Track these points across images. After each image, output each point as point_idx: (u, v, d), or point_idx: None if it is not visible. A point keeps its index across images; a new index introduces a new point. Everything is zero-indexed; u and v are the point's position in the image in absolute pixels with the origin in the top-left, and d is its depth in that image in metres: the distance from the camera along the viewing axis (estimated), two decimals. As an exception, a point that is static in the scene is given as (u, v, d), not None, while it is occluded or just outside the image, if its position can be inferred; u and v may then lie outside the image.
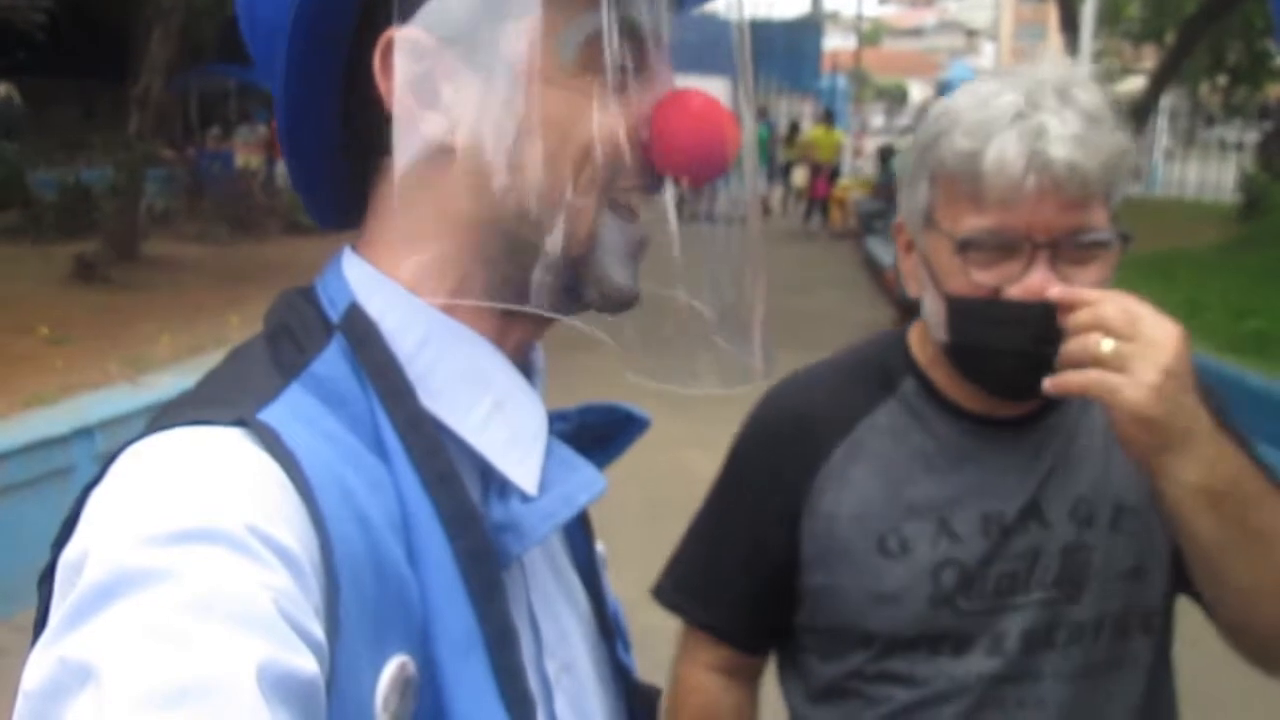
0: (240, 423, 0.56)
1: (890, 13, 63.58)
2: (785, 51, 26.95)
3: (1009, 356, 1.02)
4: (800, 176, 17.32)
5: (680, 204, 0.67)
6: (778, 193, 18.67)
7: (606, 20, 0.62)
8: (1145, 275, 8.11)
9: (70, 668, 0.44)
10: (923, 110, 1.08)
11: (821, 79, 28.76)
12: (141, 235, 9.68)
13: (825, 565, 1.13)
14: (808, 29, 29.09)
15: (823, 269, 12.44)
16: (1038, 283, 0.99)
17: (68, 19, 14.65)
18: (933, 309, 1.08)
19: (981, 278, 1.01)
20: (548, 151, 0.63)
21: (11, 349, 5.72)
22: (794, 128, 19.24)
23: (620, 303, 0.66)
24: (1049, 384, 0.96)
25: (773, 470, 1.17)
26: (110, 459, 0.56)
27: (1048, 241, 0.99)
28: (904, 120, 42.29)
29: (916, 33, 66.51)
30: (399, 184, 0.64)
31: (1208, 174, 17.81)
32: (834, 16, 40.38)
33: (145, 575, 0.47)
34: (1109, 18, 16.13)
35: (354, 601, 0.54)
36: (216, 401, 0.59)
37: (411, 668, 0.58)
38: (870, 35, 48.05)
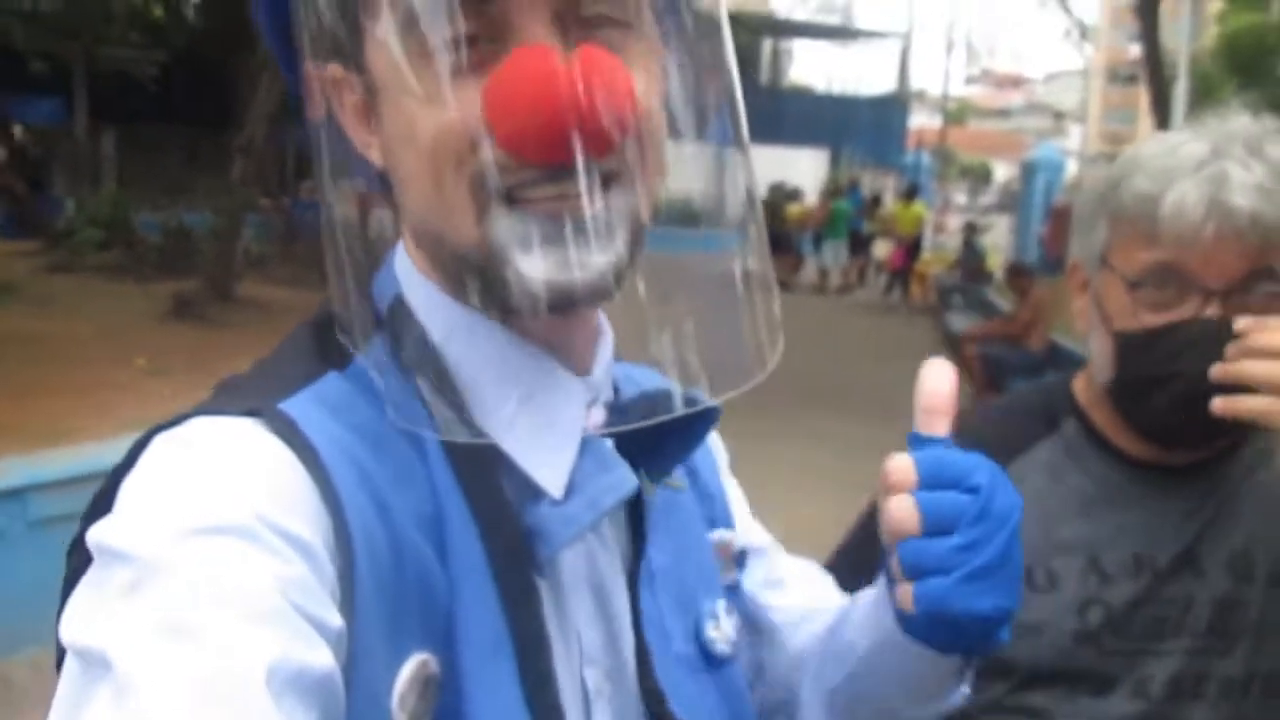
0: (253, 412, 0.56)
1: (977, 92, 63.57)
2: (871, 126, 27.08)
3: (1170, 387, 1.02)
4: (882, 249, 17.29)
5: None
6: (857, 265, 18.63)
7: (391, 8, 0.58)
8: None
9: (90, 658, 0.47)
10: (1007, 189, 1.09)
11: (906, 155, 28.82)
12: (237, 277, 10.00)
13: None
14: (894, 105, 29.23)
15: (900, 342, 12.36)
16: (1208, 313, 0.99)
17: (179, 70, 15.36)
18: (1099, 349, 1.10)
19: (1150, 319, 1.02)
20: (411, 161, 0.60)
21: (112, 378, 5.96)
22: (876, 201, 19.26)
23: (554, 300, 0.58)
24: (1219, 403, 0.95)
25: None
26: (140, 443, 0.57)
27: (1222, 287, 0.99)
28: (988, 199, 42.09)
29: (1003, 113, 66.38)
30: (337, 203, 0.63)
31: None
32: (921, 94, 40.52)
33: (161, 568, 0.49)
34: (1202, 101, 15.98)
35: (371, 586, 0.54)
36: (246, 391, 0.60)
37: (433, 666, 0.57)
38: (956, 114, 48.04)
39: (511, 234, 0.58)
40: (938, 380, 0.68)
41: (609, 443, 0.65)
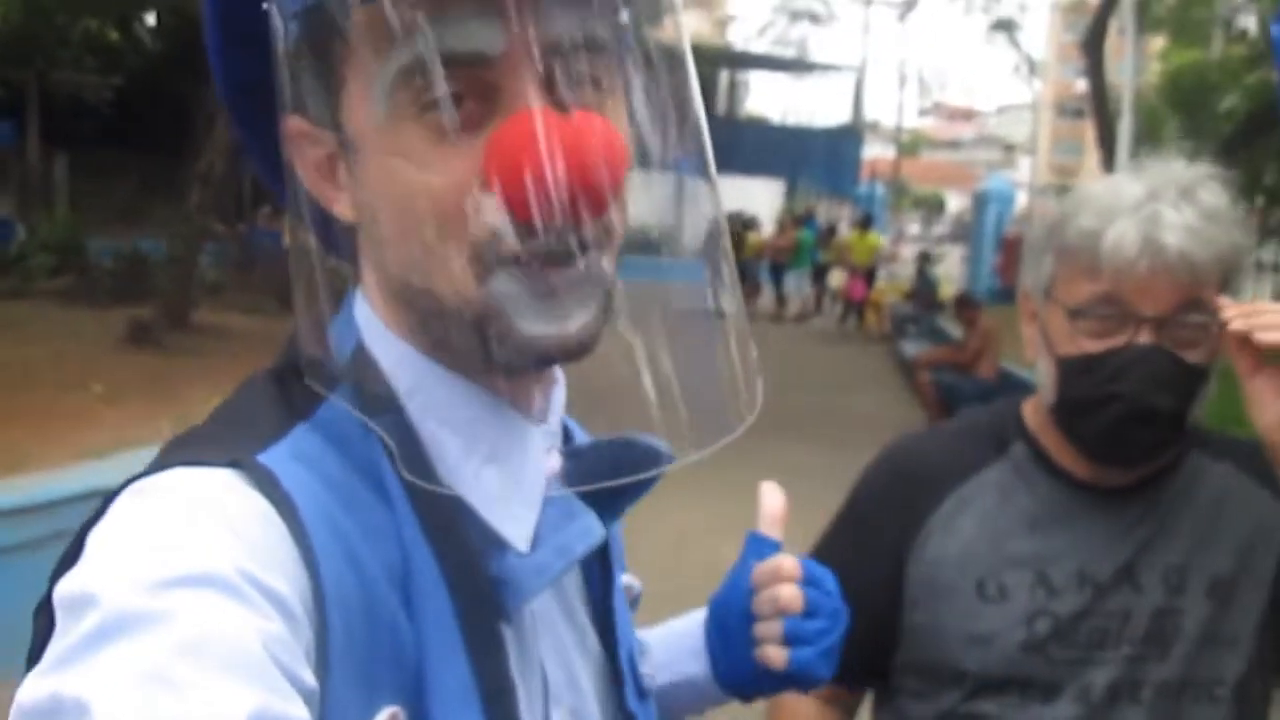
0: (234, 464, 0.56)
1: (929, 125, 64.54)
2: (826, 157, 27.39)
3: (1109, 407, 1.10)
4: (837, 279, 17.49)
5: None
6: (815, 293, 18.82)
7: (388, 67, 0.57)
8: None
9: (65, 703, 0.45)
10: (959, 219, 1.18)
11: (860, 186, 29.17)
12: (193, 304, 9.91)
13: (927, 605, 1.21)
14: (848, 137, 29.60)
15: (858, 370, 12.49)
16: (1143, 339, 1.07)
17: (134, 95, 15.24)
18: (1045, 374, 1.18)
19: (1089, 345, 1.11)
20: (396, 219, 0.60)
21: (67, 405, 5.89)
22: (831, 230, 19.49)
23: (547, 354, 0.61)
24: (1233, 315, 1.02)
25: (884, 516, 1.27)
26: (110, 496, 0.56)
27: (1155, 316, 1.08)
28: (941, 229, 42.69)
29: (955, 145, 67.40)
30: (301, 259, 0.63)
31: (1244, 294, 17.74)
32: (874, 126, 41.09)
33: (140, 618, 0.47)
34: (1146, 136, 16.37)
35: (344, 646, 0.54)
36: (216, 441, 0.59)
37: (403, 718, 0.57)
38: (909, 146, 48.73)
39: (509, 293, 0.59)
40: (773, 500, 0.89)
41: (569, 495, 0.67)
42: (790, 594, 0.83)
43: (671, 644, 0.91)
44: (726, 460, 0.82)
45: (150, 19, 16.01)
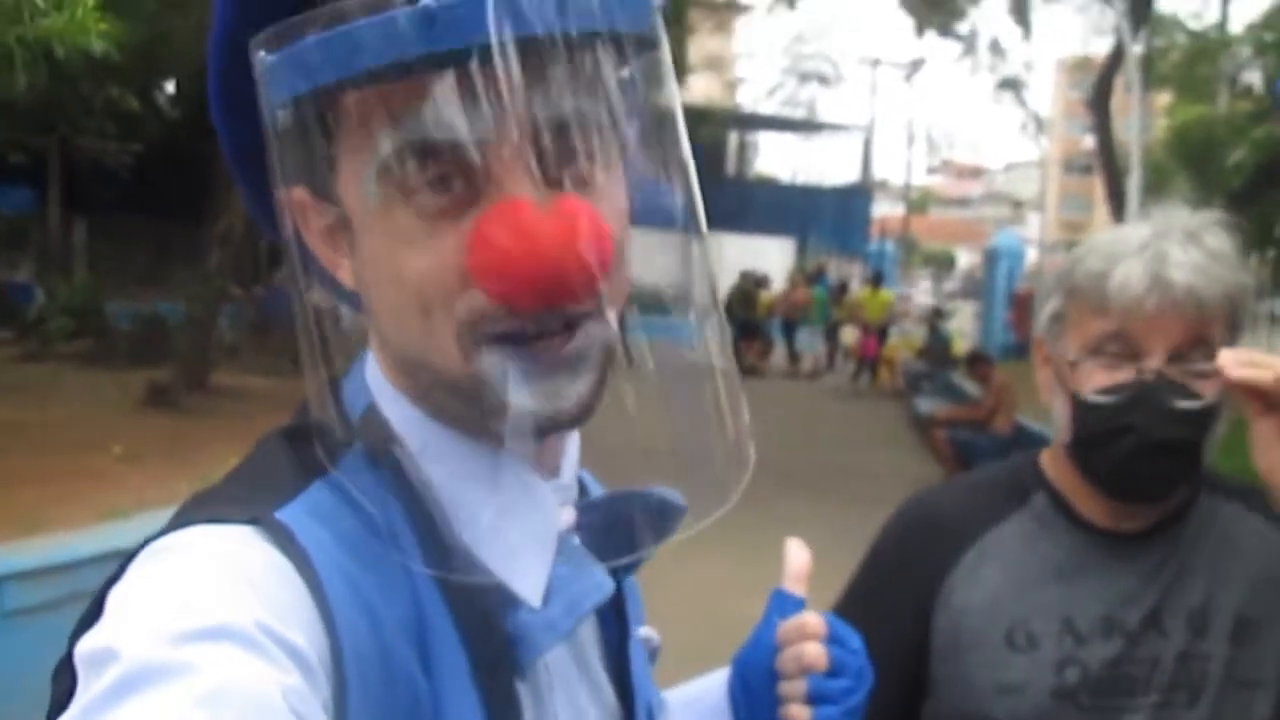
0: (254, 521, 0.56)
1: (938, 182, 64.94)
2: (836, 215, 27.60)
3: (1122, 441, 1.12)
4: (849, 335, 17.51)
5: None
6: (826, 350, 18.85)
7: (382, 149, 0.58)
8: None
9: None
10: (970, 275, 1.23)
11: (870, 243, 29.33)
12: (211, 366, 9.98)
13: (955, 655, 1.22)
14: (857, 195, 29.85)
15: (871, 427, 12.47)
16: (1150, 374, 1.10)
17: (153, 161, 15.47)
18: (1060, 414, 1.20)
19: (1101, 382, 1.13)
20: (391, 299, 0.61)
21: (87, 466, 5.92)
22: (842, 288, 19.56)
23: (541, 427, 0.61)
24: (1226, 359, 1.00)
25: (907, 570, 1.28)
26: (130, 556, 0.57)
27: (1164, 351, 1.10)
28: (951, 285, 42.79)
29: (964, 202, 67.78)
30: (310, 328, 0.62)
31: (1256, 347, 17.69)
32: (883, 184, 41.41)
33: (163, 671, 0.48)
34: (1154, 190, 16.45)
35: (361, 700, 0.55)
36: (235, 500, 0.60)
37: None
38: (918, 203, 49.01)
39: (498, 370, 0.59)
40: (798, 557, 0.90)
41: (580, 548, 0.68)
42: (815, 652, 0.83)
43: (693, 703, 0.91)
44: (738, 517, 0.83)
45: (170, 87, 16.29)
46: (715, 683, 0.92)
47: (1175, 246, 1.11)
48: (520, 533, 0.65)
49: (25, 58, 3.60)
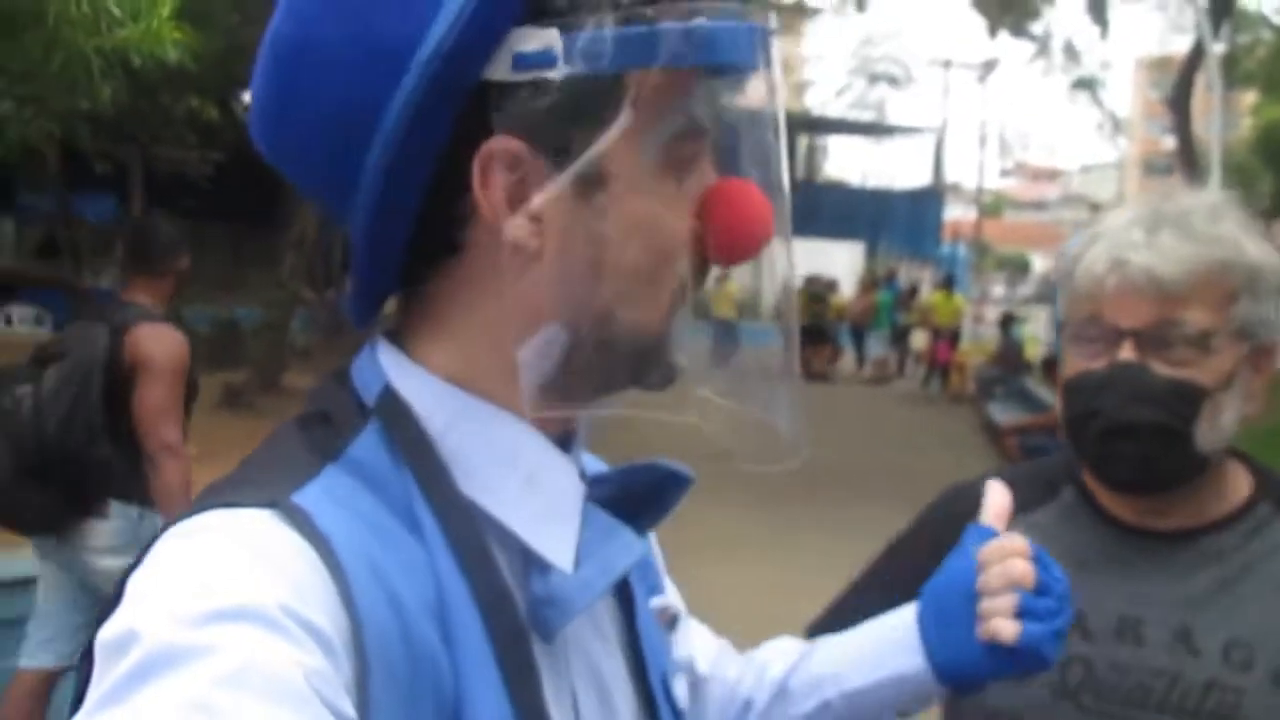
0: (272, 504, 0.57)
1: (1012, 185, 63.92)
2: (906, 219, 27.30)
3: (1093, 424, 1.10)
4: (919, 340, 17.31)
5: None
6: (896, 355, 18.65)
7: (685, 121, 0.66)
8: (1264, 445, 7.87)
9: None
10: (1045, 280, 1.23)
11: (942, 247, 28.96)
12: (284, 368, 10.19)
13: None
14: (929, 198, 29.48)
15: (942, 433, 12.30)
16: (1124, 355, 1.08)
17: (230, 169, 15.83)
18: (1059, 405, 1.18)
19: (1079, 365, 1.12)
20: (634, 255, 0.64)
21: (163, 466, 6.08)
22: (913, 291, 19.34)
23: (672, 380, 0.69)
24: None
25: (934, 546, 1.22)
26: (149, 544, 0.57)
27: (1132, 330, 1.08)
28: (1025, 290, 42.05)
29: (1039, 205, 66.61)
30: (473, 283, 0.66)
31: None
32: (955, 188, 40.88)
33: (184, 653, 0.48)
34: (1240, 192, 15.98)
35: (385, 681, 0.55)
36: (252, 484, 0.60)
37: None
38: (992, 207, 48.28)
39: (682, 327, 0.68)
40: (1000, 496, 0.91)
41: (606, 514, 0.69)
42: (1024, 568, 0.82)
43: (877, 643, 0.90)
44: (809, 520, 0.83)
45: (247, 97, 16.66)
46: (900, 620, 0.90)
47: (1140, 229, 1.09)
48: (547, 500, 0.67)
49: (102, 67, 3.71)
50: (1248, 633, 1.09)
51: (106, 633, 0.52)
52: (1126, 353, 1.08)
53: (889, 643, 0.89)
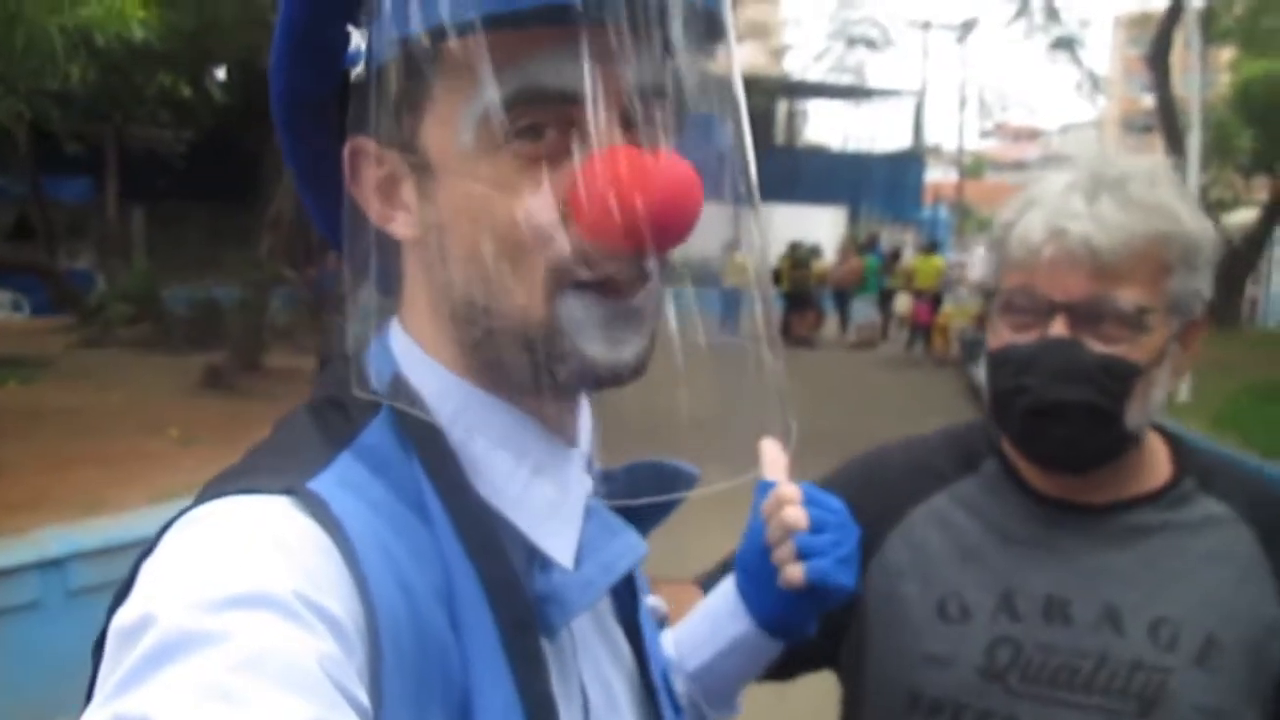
0: (288, 491, 0.57)
1: (992, 146, 63.93)
2: (887, 183, 27.26)
3: (1019, 400, 1.06)
4: (903, 304, 17.33)
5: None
6: (880, 320, 18.68)
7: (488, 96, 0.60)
8: (1260, 400, 7.96)
9: None
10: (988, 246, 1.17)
11: (924, 210, 28.96)
12: (265, 348, 10.12)
13: (884, 620, 1.15)
14: (909, 161, 29.44)
15: (926, 396, 12.34)
16: (1055, 330, 1.04)
17: (205, 148, 15.68)
18: (983, 376, 1.14)
19: (1013, 337, 1.07)
20: (470, 241, 0.62)
21: (144, 448, 6.05)
22: (895, 256, 19.33)
23: (603, 377, 0.64)
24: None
25: None
26: (163, 528, 0.57)
27: (1066, 303, 1.04)
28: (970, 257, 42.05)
29: (1020, 166, 66.70)
30: (356, 278, 0.65)
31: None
32: (936, 150, 40.80)
33: (199, 638, 0.49)
34: (1219, 149, 16.01)
35: (397, 668, 0.56)
36: (267, 471, 0.60)
37: None
38: (972, 169, 48.26)
39: (575, 316, 0.62)
40: (773, 450, 0.92)
41: (609, 513, 0.70)
42: (795, 513, 0.86)
43: (708, 618, 0.94)
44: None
45: (220, 74, 16.48)
46: (723, 591, 0.95)
47: (1079, 196, 1.04)
48: (550, 496, 0.67)
49: (67, 46, 3.64)
50: (1173, 611, 1.07)
51: (120, 619, 0.52)
52: (1059, 328, 1.04)
53: (717, 615, 0.93)
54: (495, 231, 0.61)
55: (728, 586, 0.94)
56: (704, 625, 0.94)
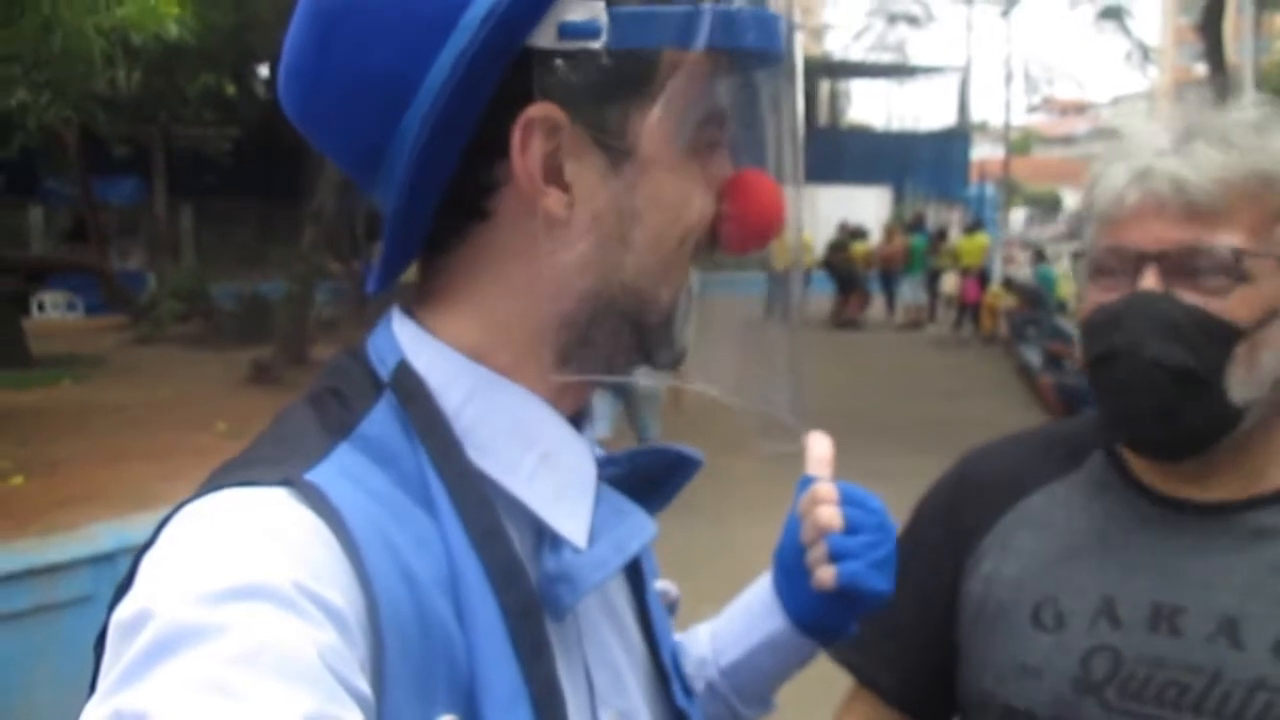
0: (286, 482, 0.57)
1: (1040, 120, 62.91)
2: (933, 161, 26.93)
3: (1112, 366, 0.96)
4: (949, 283, 17.12)
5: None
6: (926, 300, 18.49)
7: (718, 104, 0.68)
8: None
9: (125, 718, 0.47)
10: (1078, 217, 1.07)
11: (970, 188, 28.57)
12: (311, 341, 10.23)
13: (978, 628, 1.07)
14: (955, 139, 29.05)
15: (975, 376, 12.19)
16: (1146, 284, 0.94)
17: (250, 144, 15.88)
18: (1078, 351, 1.03)
19: (1104, 299, 0.97)
20: (659, 231, 0.66)
21: (194, 443, 6.13)
22: (941, 235, 19.10)
23: (679, 361, 0.71)
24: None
25: (945, 529, 1.14)
26: (163, 522, 0.57)
27: (1155, 252, 0.93)
28: (1057, 228, 41.45)
29: (1068, 141, 65.56)
30: (499, 251, 0.66)
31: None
32: (982, 126, 40.22)
33: (198, 631, 0.48)
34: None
35: (400, 658, 0.56)
36: (265, 462, 0.60)
37: None
38: (1020, 144, 47.56)
39: (689, 307, 0.70)
40: (821, 444, 0.88)
41: (619, 495, 0.70)
42: (828, 514, 0.83)
43: (745, 613, 0.92)
44: (847, 474, 0.83)
45: (263, 70, 16.67)
46: (760, 587, 0.93)
47: (1169, 136, 0.94)
48: (563, 477, 0.67)
49: (104, 47, 3.68)
50: None
51: (121, 613, 0.52)
52: (1149, 281, 0.93)
53: (753, 611, 0.91)
54: (684, 225, 0.67)
55: (765, 583, 0.92)
56: (740, 621, 0.92)
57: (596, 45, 0.62)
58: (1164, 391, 0.93)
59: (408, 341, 0.68)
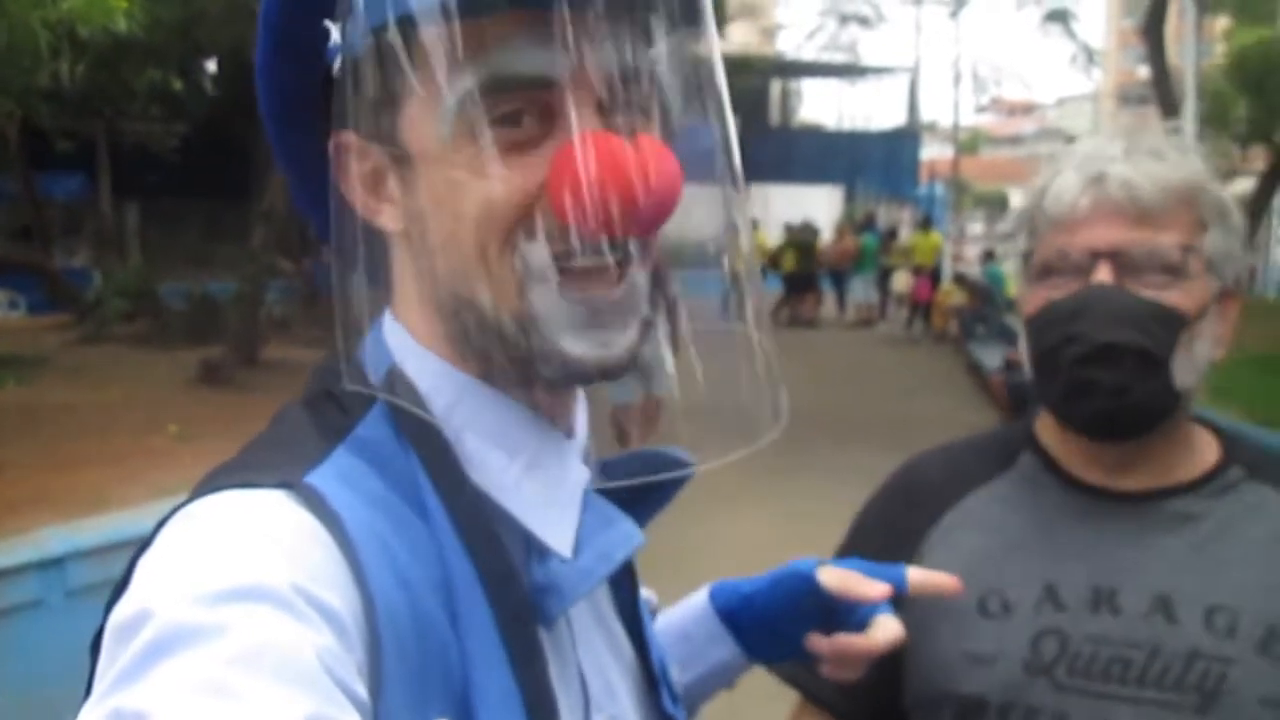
0: (285, 485, 0.57)
1: (988, 121, 63.69)
2: (883, 160, 27.19)
3: (1064, 354, 1.03)
4: (901, 281, 17.29)
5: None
6: (877, 299, 18.65)
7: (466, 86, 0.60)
8: (1259, 371, 7.92)
9: (124, 718, 0.46)
10: (1016, 219, 1.15)
11: (920, 187, 28.87)
12: (262, 341, 10.11)
13: (925, 626, 1.09)
14: (905, 139, 29.34)
15: (927, 373, 12.33)
16: (1100, 279, 1.01)
17: (197, 142, 15.63)
18: (1024, 350, 1.10)
19: (1054, 295, 1.04)
20: (450, 229, 0.62)
21: (143, 445, 6.05)
22: (892, 234, 19.27)
23: (591, 374, 0.64)
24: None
25: (884, 533, 1.18)
26: (159, 524, 0.57)
27: (1109, 250, 1.01)
28: (1004, 226, 41.97)
29: (1016, 141, 66.43)
30: (346, 272, 0.65)
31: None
32: (931, 126, 40.63)
33: (196, 632, 0.48)
34: (1214, 120, 15.93)
35: (396, 661, 0.55)
36: (263, 465, 0.60)
37: None
38: (968, 144, 48.05)
39: (552, 311, 0.62)
40: (891, 629, 0.91)
41: (606, 502, 0.69)
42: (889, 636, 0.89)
43: (682, 640, 0.93)
44: (793, 466, 0.82)
45: (211, 66, 16.41)
46: (698, 614, 0.93)
47: (1117, 146, 1.04)
48: (548, 486, 0.66)
49: (51, 41, 3.61)
50: (1230, 598, 1.02)
51: (117, 614, 0.51)
52: (1103, 275, 1.01)
53: (694, 639, 0.92)
54: (473, 220, 0.61)
55: (700, 610, 0.93)
56: (679, 648, 0.92)
57: (337, 63, 0.64)
58: (1122, 368, 1.00)
59: (397, 348, 0.68)
